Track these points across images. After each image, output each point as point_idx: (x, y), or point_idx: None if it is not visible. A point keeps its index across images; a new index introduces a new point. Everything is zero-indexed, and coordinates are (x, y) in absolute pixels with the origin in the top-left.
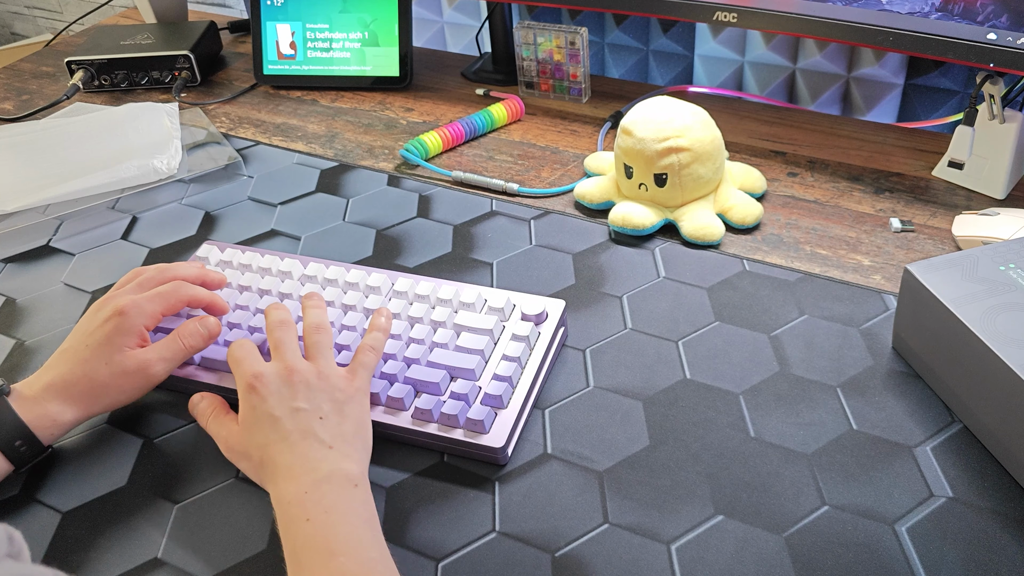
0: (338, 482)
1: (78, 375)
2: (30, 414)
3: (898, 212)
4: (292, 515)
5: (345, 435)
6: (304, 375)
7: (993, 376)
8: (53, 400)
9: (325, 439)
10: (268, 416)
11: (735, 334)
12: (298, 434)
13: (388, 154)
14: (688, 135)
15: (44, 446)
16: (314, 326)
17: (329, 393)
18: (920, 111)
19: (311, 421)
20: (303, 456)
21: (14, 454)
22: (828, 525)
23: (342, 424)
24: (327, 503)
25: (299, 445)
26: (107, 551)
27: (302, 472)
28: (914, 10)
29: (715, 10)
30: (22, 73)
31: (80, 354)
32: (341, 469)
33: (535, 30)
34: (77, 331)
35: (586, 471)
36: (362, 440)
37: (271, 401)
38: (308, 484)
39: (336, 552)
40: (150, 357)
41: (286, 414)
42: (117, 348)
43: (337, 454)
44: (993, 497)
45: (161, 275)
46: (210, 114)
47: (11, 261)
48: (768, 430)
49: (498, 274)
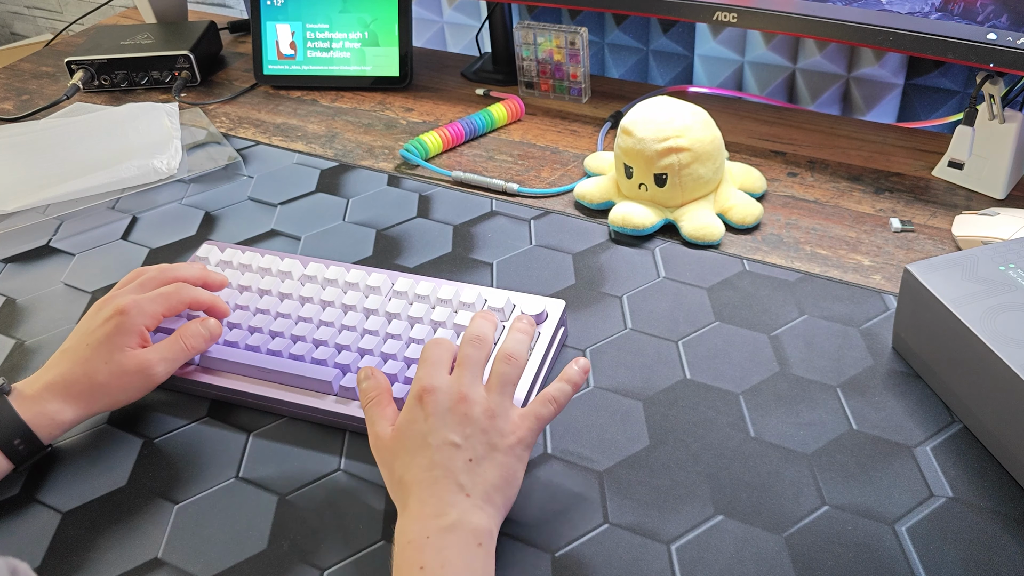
0: (463, 535)
1: (78, 374)
2: (29, 412)
3: (898, 212)
4: (408, 557)
5: (487, 484)
6: (473, 407)
7: (993, 376)
8: (53, 399)
9: (465, 484)
10: (422, 438)
11: (735, 334)
12: (441, 470)
13: (388, 154)
14: (688, 135)
15: (43, 444)
16: (506, 355)
17: (488, 435)
18: (920, 111)
19: (459, 461)
20: (439, 496)
21: (13, 452)
22: (828, 525)
23: (488, 472)
24: (445, 556)
25: (439, 483)
26: (107, 551)
27: (432, 513)
28: (914, 10)
29: (715, 10)
30: (22, 73)
31: (80, 353)
32: (470, 521)
33: (535, 30)
34: (78, 331)
35: (586, 471)
36: (504, 495)
37: (431, 423)
38: (432, 529)
39: None
40: (151, 357)
41: (439, 443)
42: (117, 347)
43: (472, 504)
44: (993, 497)
45: (163, 276)
46: (210, 114)
47: (11, 261)
48: (768, 430)
49: (498, 274)
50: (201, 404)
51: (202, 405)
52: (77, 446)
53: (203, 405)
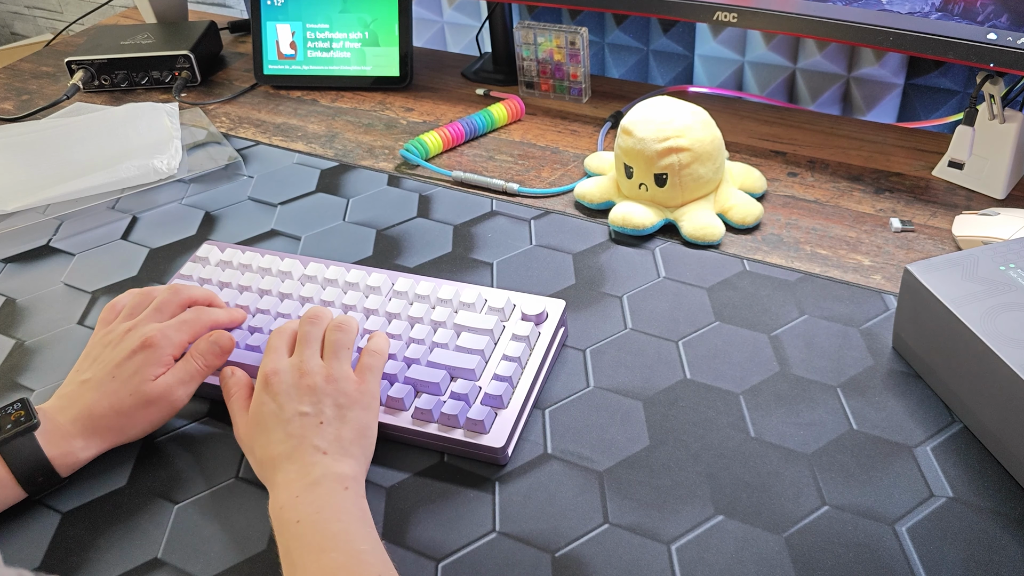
0: (328, 485)
1: (104, 408)
2: (55, 450)
3: (898, 212)
4: (284, 519)
5: (342, 440)
6: (314, 378)
7: (993, 376)
8: (79, 435)
9: (321, 445)
10: (275, 417)
11: (735, 334)
12: (297, 439)
13: (388, 154)
14: (688, 135)
15: (61, 478)
16: (335, 325)
17: (334, 397)
18: (920, 111)
19: (311, 426)
20: (299, 462)
21: (32, 487)
22: (828, 525)
23: (341, 429)
24: (318, 504)
25: (296, 451)
26: (107, 551)
27: (296, 477)
28: (914, 10)
29: (715, 10)
30: (22, 73)
31: (106, 386)
32: (333, 472)
33: (535, 30)
34: (101, 360)
35: (586, 471)
36: (360, 446)
37: (279, 401)
38: (300, 488)
39: (326, 548)
40: (170, 382)
41: (290, 417)
42: (144, 379)
43: (331, 459)
44: (993, 497)
45: (177, 298)
46: (210, 114)
47: (11, 261)
48: (768, 430)
49: (498, 274)
50: (201, 404)
51: (202, 405)
52: None
53: (203, 405)
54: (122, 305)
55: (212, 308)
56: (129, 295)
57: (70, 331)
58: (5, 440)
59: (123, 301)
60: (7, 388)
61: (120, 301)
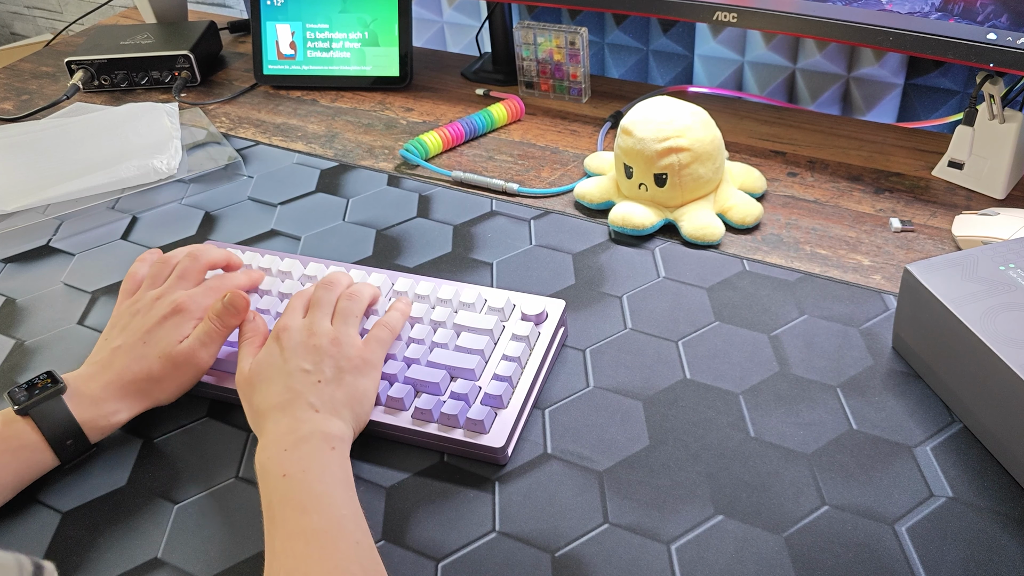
0: (316, 443)
1: (135, 371)
2: (86, 414)
3: (898, 212)
4: (269, 470)
5: (335, 400)
6: (320, 338)
7: (993, 376)
8: (111, 399)
9: (314, 402)
10: (277, 369)
11: (735, 334)
12: (293, 393)
13: (388, 154)
14: (688, 135)
15: (91, 444)
16: (348, 293)
17: (336, 360)
18: (920, 111)
19: (310, 383)
20: (291, 415)
21: (63, 451)
22: (828, 525)
23: (336, 391)
24: (304, 463)
25: (291, 404)
26: (107, 551)
27: (286, 431)
28: (914, 10)
29: (715, 10)
30: (22, 73)
31: (137, 350)
32: (322, 431)
33: (535, 30)
34: (131, 327)
35: (586, 471)
36: (351, 409)
37: (285, 355)
38: (289, 442)
39: (308, 509)
40: (193, 346)
41: (292, 371)
42: (173, 343)
43: (321, 417)
44: (993, 497)
45: (196, 264)
46: (210, 114)
47: (11, 261)
48: (768, 430)
49: (498, 274)
50: (201, 404)
51: (202, 405)
52: None
53: (203, 405)
54: (142, 275)
55: (235, 275)
56: (147, 264)
57: (70, 331)
58: (35, 403)
59: (142, 271)
60: (7, 388)
61: (139, 271)
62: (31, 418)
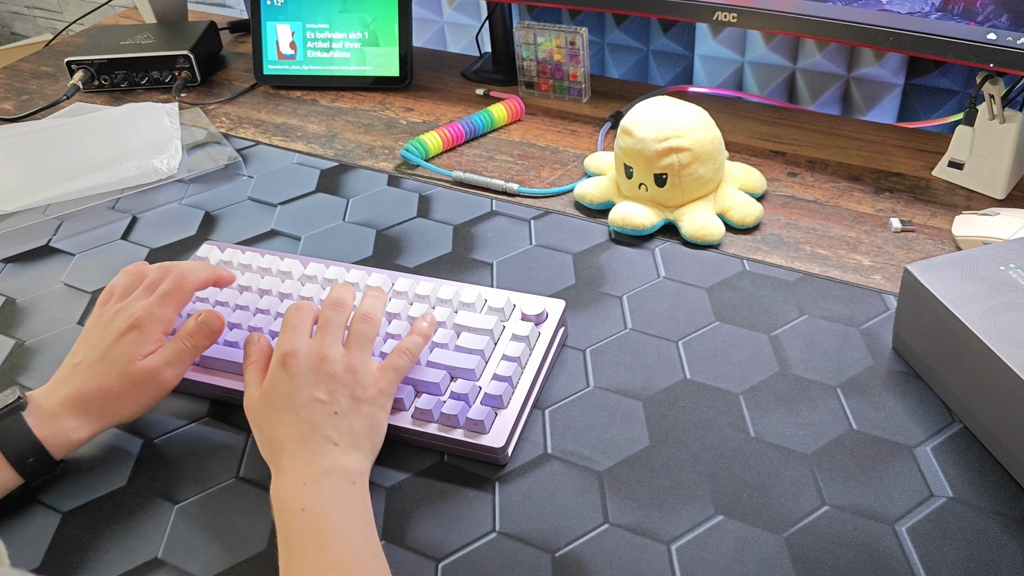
0: (336, 478)
1: (93, 388)
2: (45, 431)
3: (898, 212)
4: (288, 504)
5: (354, 433)
6: (334, 366)
7: (993, 376)
8: (70, 416)
9: (332, 435)
10: (288, 399)
11: (735, 334)
12: (309, 425)
13: (388, 154)
14: (688, 135)
15: (55, 461)
16: (362, 315)
17: (351, 389)
18: (920, 111)
19: (325, 415)
20: (308, 449)
21: (25, 469)
22: (828, 525)
23: (354, 423)
24: (324, 497)
25: (308, 437)
26: (107, 551)
27: (304, 464)
28: (914, 10)
29: (715, 10)
30: (22, 73)
31: (96, 368)
32: (342, 466)
33: (535, 30)
34: (90, 343)
35: (586, 471)
36: (370, 442)
37: (295, 383)
38: (307, 477)
39: (328, 543)
40: (156, 364)
41: (305, 402)
42: (131, 360)
43: (341, 451)
44: (993, 497)
45: (164, 275)
46: (210, 114)
47: (11, 261)
48: (768, 430)
49: (498, 274)
50: (201, 404)
51: (202, 405)
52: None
53: (203, 405)
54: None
55: (194, 268)
56: (123, 275)
57: (70, 331)
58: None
59: (118, 282)
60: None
61: (115, 283)
62: None
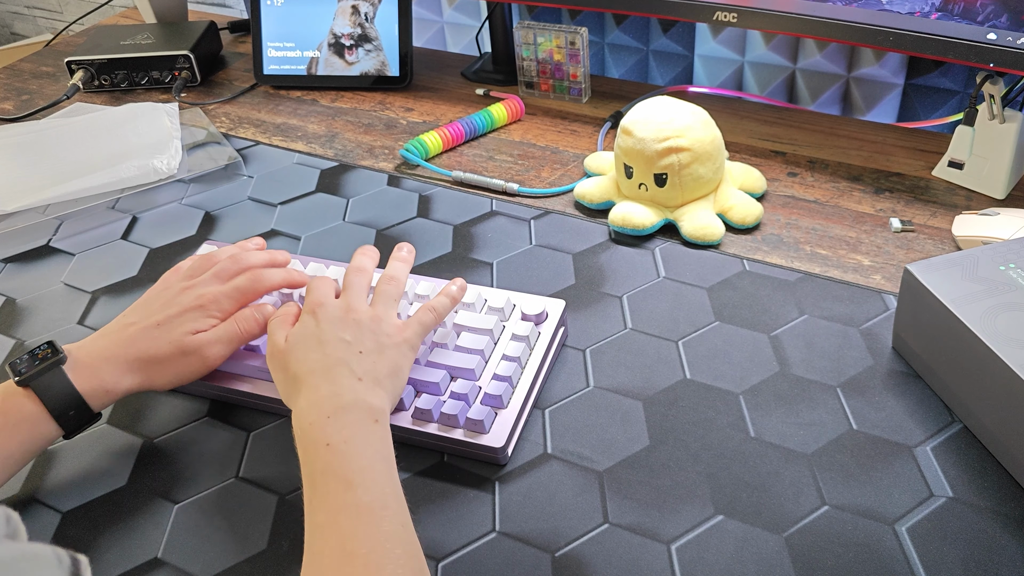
0: (359, 413)
1: (142, 349)
2: (86, 384)
3: (898, 212)
4: (313, 437)
5: (378, 373)
6: (360, 314)
7: (993, 376)
8: (112, 370)
9: (357, 371)
10: (315, 338)
11: (735, 334)
12: (334, 360)
13: (388, 154)
14: (688, 135)
15: (94, 414)
16: (387, 276)
17: (376, 335)
18: (920, 111)
19: (350, 353)
20: (332, 381)
21: (68, 422)
22: (828, 525)
23: (378, 363)
24: (348, 432)
25: (332, 370)
26: (107, 551)
27: (328, 396)
28: (914, 10)
29: (715, 10)
30: (22, 73)
31: (150, 332)
32: (364, 401)
33: (535, 30)
34: (150, 309)
35: (586, 471)
36: (392, 383)
37: (323, 326)
38: (331, 409)
39: (353, 483)
40: (209, 339)
41: (331, 340)
42: (186, 332)
43: (364, 387)
44: (993, 497)
45: (236, 266)
46: (210, 114)
47: (11, 261)
48: (768, 430)
49: (498, 274)
50: (201, 404)
51: (202, 405)
52: (77, 446)
53: (203, 405)
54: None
55: (270, 271)
56: (192, 259)
57: (70, 331)
58: (34, 375)
59: (185, 263)
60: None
61: (183, 264)
62: (32, 389)
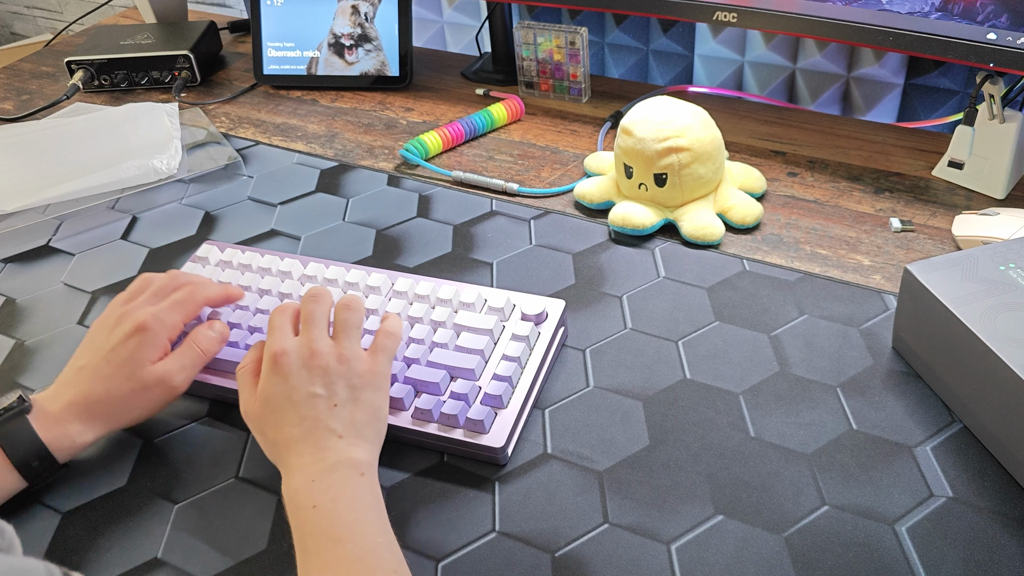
0: (345, 470)
1: (99, 393)
2: (49, 434)
3: (898, 212)
4: (299, 502)
5: (357, 423)
6: (325, 358)
7: (993, 376)
8: (74, 420)
9: (336, 428)
10: (286, 399)
11: (735, 334)
12: (311, 421)
13: (388, 154)
14: (688, 135)
15: (59, 464)
16: (344, 304)
17: (347, 378)
18: (920, 111)
19: (326, 408)
20: (314, 445)
21: (29, 472)
22: (828, 525)
23: (355, 413)
24: (334, 491)
25: (311, 433)
26: (107, 551)
27: (312, 461)
28: (914, 10)
29: (715, 10)
30: (22, 73)
31: (102, 371)
32: (349, 457)
33: (535, 30)
34: (94, 346)
35: (586, 471)
36: (374, 428)
37: (290, 382)
38: (316, 472)
39: (342, 539)
40: (170, 368)
41: (303, 399)
42: (139, 364)
43: (346, 443)
44: (993, 497)
45: (174, 282)
46: (210, 114)
47: (11, 261)
48: (768, 430)
49: (498, 274)
50: (201, 404)
51: (202, 405)
52: None
53: (203, 405)
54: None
55: (206, 283)
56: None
57: (70, 331)
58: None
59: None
60: (7, 388)
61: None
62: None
